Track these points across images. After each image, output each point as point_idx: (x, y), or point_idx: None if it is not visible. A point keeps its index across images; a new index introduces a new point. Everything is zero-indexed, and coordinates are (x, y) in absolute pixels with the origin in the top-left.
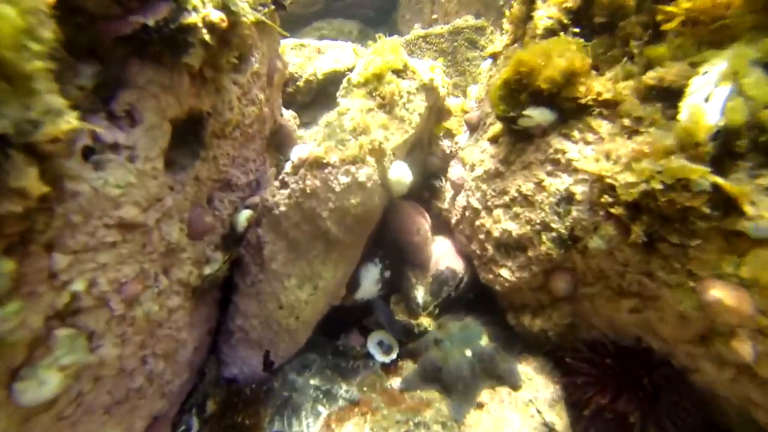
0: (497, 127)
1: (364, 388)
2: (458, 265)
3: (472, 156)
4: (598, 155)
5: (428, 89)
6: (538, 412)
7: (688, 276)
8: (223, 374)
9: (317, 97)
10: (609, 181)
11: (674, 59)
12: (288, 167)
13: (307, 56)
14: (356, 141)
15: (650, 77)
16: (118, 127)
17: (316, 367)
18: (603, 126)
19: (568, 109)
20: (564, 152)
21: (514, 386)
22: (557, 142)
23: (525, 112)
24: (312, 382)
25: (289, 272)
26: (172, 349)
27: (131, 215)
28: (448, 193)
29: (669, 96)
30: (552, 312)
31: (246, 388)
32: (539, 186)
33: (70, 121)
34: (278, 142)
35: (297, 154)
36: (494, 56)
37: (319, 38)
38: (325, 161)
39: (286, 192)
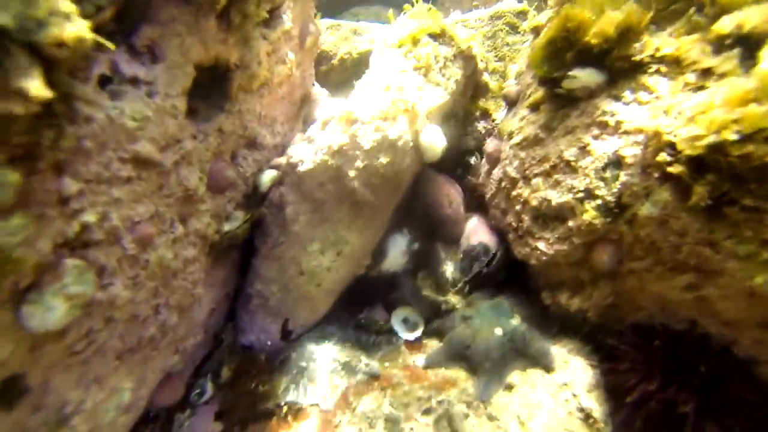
0: (538, 93)
1: (386, 363)
2: (491, 241)
3: (510, 125)
4: (655, 113)
5: (466, 58)
6: (574, 396)
7: (762, 245)
8: (239, 341)
9: (351, 77)
10: (668, 137)
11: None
12: (316, 125)
13: (342, 36)
14: (389, 98)
15: (723, 26)
16: (138, 61)
17: (336, 339)
18: (660, 84)
19: (620, 68)
20: (613, 114)
21: (548, 368)
22: (605, 104)
23: (571, 73)
24: (331, 353)
25: (311, 236)
26: (187, 304)
27: (147, 151)
28: (483, 168)
29: (746, 46)
30: (592, 290)
31: (261, 355)
32: (584, 151)
33: (79, 28)
34: (308, 116)
35: (326, 110)
36: (537, 30)
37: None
38: (354, 117)
39: (312, 149)
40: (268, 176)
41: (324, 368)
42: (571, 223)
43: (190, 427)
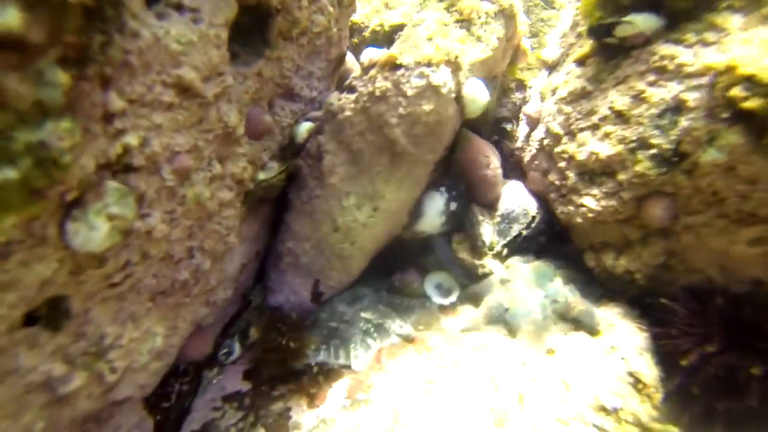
0: (585, 47)
1: (420, 327)
2: (531, 204)
3: (553, 82)
4: (727, 48)
5: (507, 16)
6: (623, 360)
7: None
8: (268, 301)
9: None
10: (745, 70)
11: None
12: (356, 72)
13: (374, 8)
14: (433, 45)
15: None
16: None
17: (369, 301)
18: (733, 20)
19: (682, 10)
20: (673, 57)
21: (593, 331)
22: (664, 49)
23: (626, 18)
24: (363, 314)
25: (348, 189)
26: (220, 251)
27: (190, 78)
28: (522, 131)
29: None
30: (642, 249)
31: (292, 313)
32: (638, 98)
33: None
34: (341, 79)
35: (368, 55)
36: None
37: None
38: (398, 62)
39: (352, 96)
40: (304, 127)
41: (356, 330)
42: (621, 177)
43: (218, 385)
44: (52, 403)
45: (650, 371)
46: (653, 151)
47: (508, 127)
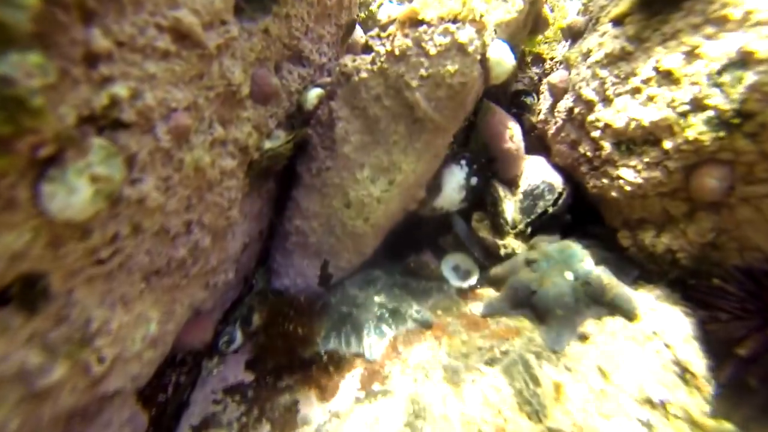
0: (624, 4)
1: (438, 312)
2: (556, 179)
3: (585, 45)
4: None
5: None
6: (667, 347)
7: None
8: (273, 285)
9: None
10: None
11: None
12: (373, 30)
13: None
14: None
15: None
16: None
17: (382, 284)
18: None
19: None
20: (736, 5)
21: (630, 316)
22: None
23: None
24: (376, 299)
25: (362, 160)
26: (221, 227)
27: (189, 22)
28: (545, 103)
29: None
30: (687, 225)
31: (301, 296)
32: (691, 55)
33: None
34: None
35: (387, 11)
36: None
37: None
38: (420, 17)
39: (369, 57)
40: (314, 93)
41: (369, 315)
42: (667, 144)
43: (219, 376)
44: (30, 397)
45: (699, 360)
46: (709, 113)
47: (528, 100)
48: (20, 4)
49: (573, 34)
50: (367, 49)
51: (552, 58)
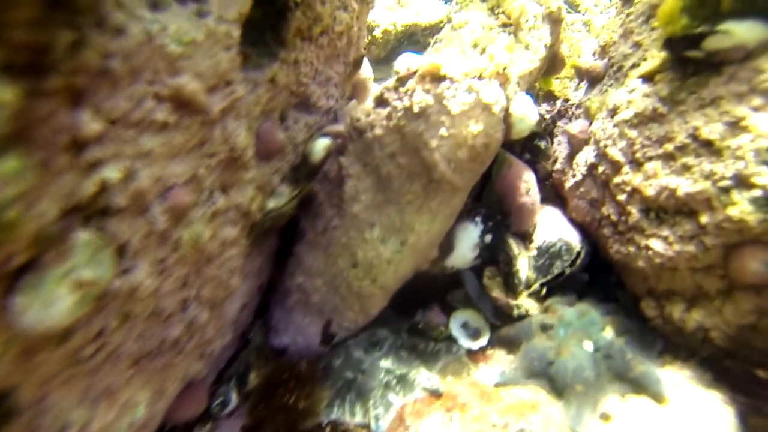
0: (656, 60)
1: (448, 377)
2: (573, 237)
3: (611, 100)
4: None
5: (554, 21)
6: None
7: None
8: (271, 342)
9: (392, 53)
10: None
11: None
12: (390, 81)
13: (386, 6)
14: (483, 55)
15: None
16: None
17: (388, 345)
18: None
19: None
20: None
21: (658, 397)
22: None
23: (721, 27)
24: (383, 363)
25: (372, 220)
26: (220, 298)
27: (192, 90)
28: (562, 151)
29: None
30: (723, 304)
31: (300, 361)
32: (735, 126)
33: None
34: (354, 86)
35: (405, 63)
36: None
37: None
38: (442, 73)
39: (384, 111)
40: (321, 144)
41: (375, 381)
42: (705, 219)
43: None
44: None
45: None
46: (756, 192)
47: (542, 144)
48: None
49: (591, 78)
50: (382, 102)
51: (567, 100)
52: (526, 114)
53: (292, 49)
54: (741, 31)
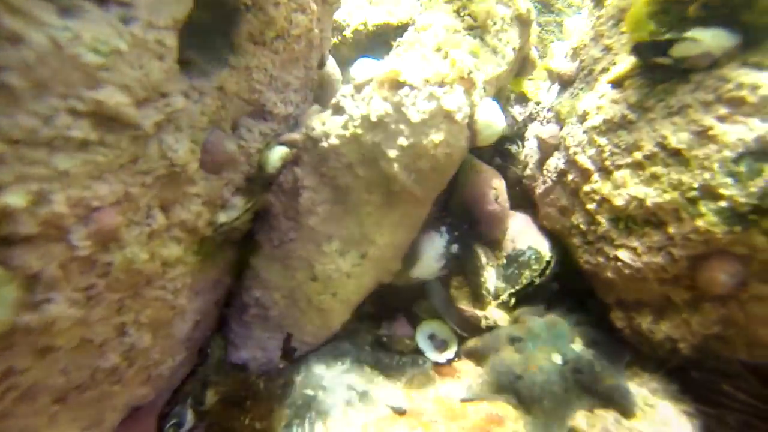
0: (625, 65)
1: (413, 393)
2: (543, 246)
3: (581, 106)
4: None
5: (523, 23)
6: None
7: None
8: (230, 358)
9: (364, 53)
10: None
11: None
12: (347, 89)
13: (356, 5)
14: (446, 59)
15: None
16: None
17: (351, 360)
18: None
19: (766, 26)
20: (756, 87)
21: (626, 411)
22: (741, 75)
23: (688, 35)
24: (345, 379)
25: (330, 232)
26: (165, 319)
27: (116, 103)
28: (533, 156)
29: None
30: (691, 315)
31: (258, 379)
32: (703, 136)
33: None
34: (320, 97)
35: (362, 69)
36: None
37: None
38: (401, 79)
39: (341, 120)
40: (277, 153)
41: (337, 399)
42: (672, 230)
43: None
44: None
45: None
46: (722, 203)
47: (513, 148)
48: None
49: (563, 81)
50: (338, 110)
51: (538, 102)
52: (493, 120)
53: (243, 55)
54: (708, 39)
